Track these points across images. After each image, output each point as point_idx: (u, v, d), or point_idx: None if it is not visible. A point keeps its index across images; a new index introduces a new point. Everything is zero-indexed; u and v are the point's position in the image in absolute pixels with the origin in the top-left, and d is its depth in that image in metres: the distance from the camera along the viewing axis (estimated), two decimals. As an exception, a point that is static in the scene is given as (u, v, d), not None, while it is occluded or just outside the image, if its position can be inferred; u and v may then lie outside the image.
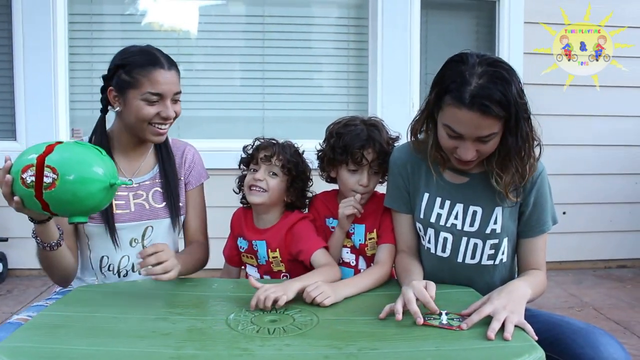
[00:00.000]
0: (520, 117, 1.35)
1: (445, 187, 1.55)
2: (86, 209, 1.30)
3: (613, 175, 3.95)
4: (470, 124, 1.34)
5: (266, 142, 1.70)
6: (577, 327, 1.34)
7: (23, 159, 1.27)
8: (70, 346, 1.10)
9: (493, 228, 1.50)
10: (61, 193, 1.24)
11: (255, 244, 1.70)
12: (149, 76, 1.53)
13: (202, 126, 3.75)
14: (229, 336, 1.17)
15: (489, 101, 1.30)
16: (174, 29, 3.76)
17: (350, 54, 3.84)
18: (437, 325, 1.23)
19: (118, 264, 1.63)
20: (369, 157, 1.62)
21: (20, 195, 1.27)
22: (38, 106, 3.52)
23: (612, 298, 3.35)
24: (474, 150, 1.38)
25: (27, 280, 3.55)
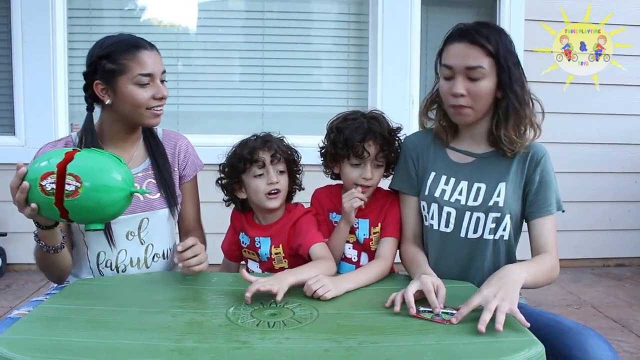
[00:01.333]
0: (510, 62, 1.46)
1: (452, 166, 1.60)
2: (106, 216, 1.31)
3: (612, 173, 3.96)
4: (459, 53, 1.47)
5: (260, 141, 1.66)
6: (566, 327, 1.33)
7: (40, 166, 1.27)
8: (70, 338, 1.10)
9: (496, 201, 1.52)
10: (84, 201, 1.24)
11: (259, 240, 1.69)
12: (136, 59, 1.52)
13: (201, 121, 3.74)
14: (229, 329, 1.17)
15: (475, 32, 1.46)
16: (173, 24, 3.75)
17: (350, 49, 3.83)
18: (428, 318, 1.23)
19: (116, 259, 1.61)
20: (370, 150, 1.61)
21: (38, 202, 1.26)
22: (37, 101, 3.51)
23: (610, 296, 3.36)
24: (464, 87, 1.47)
25: (26, 275, 3.55)
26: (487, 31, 1.46)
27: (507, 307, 1.19)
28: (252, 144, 1.65)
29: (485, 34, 1.46)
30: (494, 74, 1.46)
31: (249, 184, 1.66)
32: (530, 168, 1.54)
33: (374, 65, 3.72)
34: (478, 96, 1.48)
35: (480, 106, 1.50)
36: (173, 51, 3.72)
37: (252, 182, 1.65)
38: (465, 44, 1.46)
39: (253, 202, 1.69)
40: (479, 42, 1.45)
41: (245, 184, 1.67)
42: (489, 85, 1.47)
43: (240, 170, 1.65)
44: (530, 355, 1.06)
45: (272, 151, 1.65)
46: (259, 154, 1.64)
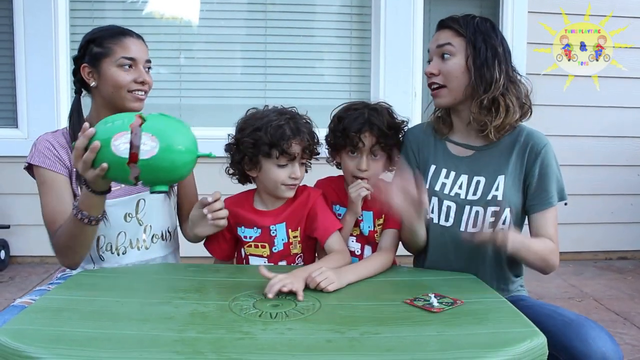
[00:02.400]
0: (480, 42, 1.51)
1: (452, 159, 1.61)
2: (176, 177, 1.32)
3: (615, 166, 3.95)
4: (433, 39, 1.58)
5: (292, 130, 1.54)
6: (568, 319, 1.33)
7: (112, 126, 1.26)
8: (74, 329, 1.11)
9: (494, 194, 1.52)
10: (159, 160, 1.25)
11: (274, 228, 1.62)
12: (120, 43, 1.59)
13: (203, 114, 3.74)
14: (231, 320, 1.17)
15: (450, 19, 1.56)
16: (175, 17, 3.74)
17: (352, 42, 3.82)
18: (419, 306, 1.26)
19: (115, 241, 1.62)
20: (366, 141, 1.60)
21: (109, 161, 1.25)
22: (39, 93, 3.52)
23: (612, 289, 3.36)
24: (435, 67, 1.55)
25: (29, 267, 3.56)
26: (463, 17, 1.55)
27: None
28: (284, 132, 1.53)
29: (458, 19, 1.55)
30: (464, 53, 1.52)
31: (267, 169, 1.57)
32: (529, 160, 1.53)
33: (376, 59, 3.72)
34: (449, 73, 1.53)
35: (453, 84, 1.53)
36: (175, 44, 3.72)
37: (273, 170, 1.57)
38: (440, 30, 1.57)
39: (264, 186, 1.62)
40: (449, 25, 1.54)
41: (262, 166, 1.58)
42: (458, 63, 1.52)
43: (264, 154, 1.55)
44: (533, 345, 1.06)
45: (304, 144, 1.57)
46: (292, 147, 1.54)
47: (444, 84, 1.54)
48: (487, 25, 1.54)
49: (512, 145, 1.55)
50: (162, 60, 3.69)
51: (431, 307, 1.25)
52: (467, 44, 1.51)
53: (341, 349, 1.05)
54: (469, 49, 1.51)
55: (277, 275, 1.34)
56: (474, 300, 1.31)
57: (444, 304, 1.27)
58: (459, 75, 1.52)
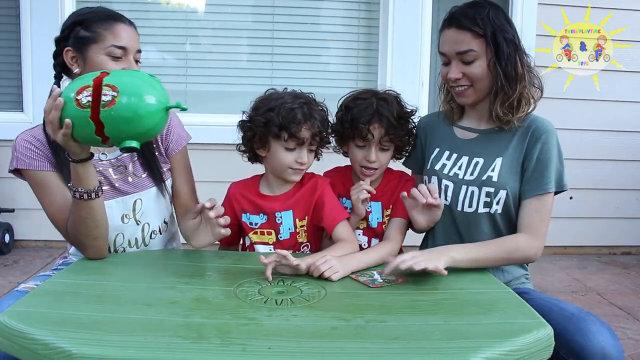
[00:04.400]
0: (500, 38, 1.47)
1: (455, 142, 1.63)
2: (143, 129, 1.24)
3: (621, 161, 3.93)
4: (449, 40, 1.51)
5: (304, 115, 1.52)
6: (569, 313, 1.32)
7: (76, 83, 1.25)
8: (78, 312, 1.10)
9: (489, 175, 1.52)
10: (121, 110, 1.20)
11: (279, 215, 1.60)
12: (111, 29, 1.45)
13: (209, 101, 3.71)
14: (236, 306, 1.17)
15: (463, 16, 1.48)
16: (181, 3, 3.72)
17: (360, 31, 3.79)
18: (361, 281, 1.35)
19: (114, 242, 1.58)
20: (375, 133, 1.57)
21: (73, 117, 1.22)
22: (45, 77, 3.46)
23: (615, 284, 3.35)
24: (458, 71, 1.51)
25: (33, 252, 3.57)
26: (474, 12, 1.48)
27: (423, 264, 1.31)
28: (296, 115, 1.51)
29: (472, 15, 1.48)
30: (486, 53, 1.49)
31: (275, 151, 1.56)
32: (530, 144, 1.52)
33: (384, 47, 3.69)
34: (474, 77, 1.51)
35: (480, 85, 1.52)
36: (182, 29, 3.69)
37: (280, 152, 1.55)
38: (454, 30, 1.50)
39: (271, 167, 1.61)
40: (466, 26, 1.48)
41: (271, 147, 1.56)
42: (483, 65, 1.49)
43: (273, 135, 1.53)
44: (540, 336, 1.06)
45: (315, 130, 1.54)
46: (302, 131, 1.52)
47: (470, 85, 1.53)
48: (500, 16, 1.50)
49: (515, 129, 1.55)
50: (168, 46, 3.67)
51: (371, 283, 1.33)
52: (488, 45, 1.48)
53: (347, 336, 1.05)
54: (490, 49, 1.48)
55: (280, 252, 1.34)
56: (480, 290, 1.31)
57: (385, 281, 1.34)
58: (484, 77, 1.50)
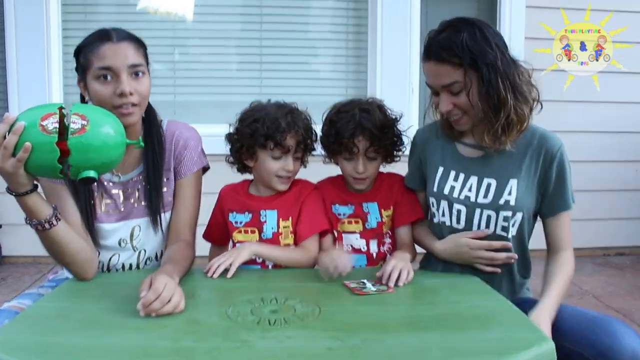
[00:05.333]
0: (480, 64, 1.39)
1: (460, 160, 1.57)
2: (107, 160, 1.26)
3: (613, 162, 3.93)
4: (430, 73, 1.46)
5: (289, 123, 1.56)
6: (592, 316, 1.33)
7: (37, 110, 1.22)
8: (64, 339, 1.07)
9: (507, 199, 1.48)
10: (90, 139, 1.20)
11: (264, 213, 1.62)
12: (96, 52, 1.41)
13: (198, 111, 3.69)
14: (228, 327, 1.13)
15: (440, 47, 1.41)
16: (169, 12, 3.68)
17: (349, 37, 3.77)
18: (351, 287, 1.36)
19: (108, 262, 1.56)
20: (360, 146, 1.58)
21: (35, 142, 1.18)
22: (30, 86, 3.45)
23: (611, 286, 3.34)
24: (449, 103, 1.45)
25: (22, 268, 3.51)
26: (449, 40, 1.40)
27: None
28: (280, 124, 1.55)
29: (447, 45, 1.40)
30: (473, 79, 1.41)
31: (263, 160, 1.59)
32: (545, 164, 1.48)
33: (373, 54, 3.67)
34: (465, 106, 1.45)
35: (474, 112, 1.45)
36: (169, 39, 3.66)
37: (267, 161, 1.59)
38: (433, 63, 1.43)
39: (260, 176, 1.64)
40: (444, 59, 1.41)
41: (258, 157, 1.60)
42: (473, 92, 1.42)
43: (260, 145, 1.57)
44: (542, 351, 1.03)
45: (299, 137, 1.58)
46: (287, 139, 1.56)
47: (464, 113, 1.47)
48: (478, 38, 1.40)
49: (525, 148, 1.49)
50: (156, 57, 3.59)
51: (361, 290, 1.34)
52: (470, 73, 1.41)
53: (342, 357, 1.02)
54: (473, 76, 1.41)
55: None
56: (478, 303, 1.28)
57: (376, 290, 1.35)
58: (475, 103, 1.43)
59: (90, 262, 1.45)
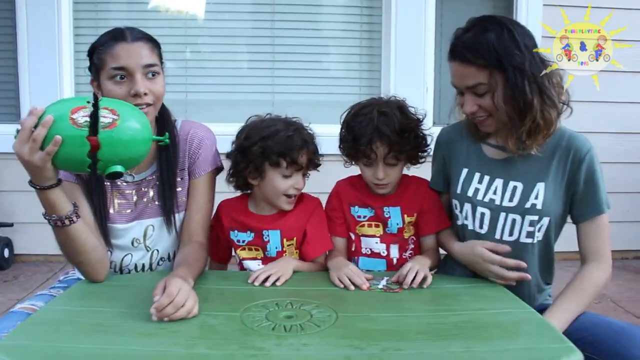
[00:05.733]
0: (507, 65, 1.34)
1: (485, 162, 1.51)
2: (135, 155, 1.25)
3: (631, 164, 3.84)
4: (455, 74, 1.42)
5: (300, 140, 1.53)
6: (618, 326, 1.29)
7: (67, 103, 1.22)
8: (74, 344, 1.04)
9: (533, 203, 1.43)
10: (121, 133, 1.20)
11: (267, 234, 1.58)
12: (110, 51, 1.40)
13: (210, 110, 3.65)
14: (243, 334, 1.10)
15: (465, 48, 1.37)
16: (181, 11, 3.66)
17: (363, 36, 3.72)
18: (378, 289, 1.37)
19: (120, 262, 1.55)
20: (378, 152, 1.52)
21: (66, 135, 1.16)
22: (42, 89, 3.44)
23: (630, 290, 3.26)
24: (473, 104, 1.41)
25: (33, 266, 3.50)
26: (475, 41, 1.36)
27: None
28: (294, 141, 1.52)
29: (473, 46, 1.36)
30: (499, 81, 1.36)
31: (271, 178, 1.54)
32: (573, 167, 1.43)
33: (387, 52, 3.62)
34: (490, 108, 1.40)
35: (499, 114, 1.40)
36: (181, 37, 3.63)
37: (276, 179, 1.54)
38: (458, 64, 1.39)
39: (264, 195, 1.59)
40: (470, 60, 1.37)
41: (265, 175, 1.55)
42: (498, 95, 1.37)
43: (272, 163, 1.52)
44: (570, 364, 0.99)
45: (310, 155, 1.56)
46: (300, 157, 1.53)
47: (489, 114, 1.42)
48: (505, 38, 1.35)
49: (553, 150, 1.44)
50: (167, 55, 3.56)
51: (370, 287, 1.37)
52: (495, 75, 1.36)
53: (362, 367, 0.98)
54: (499, 78, 1.36)
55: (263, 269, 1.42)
56: (501, 311, 1.24)
57: (383, 287, 1.38)
58: (500, 106, 1.38)
59: (102, 263, 1.43)
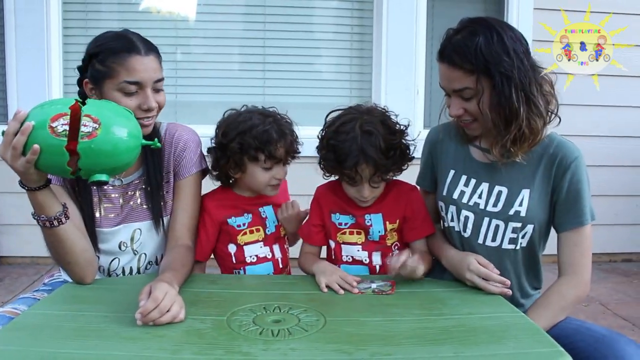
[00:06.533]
0: (494, 72, 1.32)
1: (473, 165, 1.50)
2: (119, 164, 1.22)
3: (620, 167, 3.86)
4: (443, 76, 1.40)
5: (277, 132, 1.52)
6: (599, 334, 1.26)
7: (49, 108, 1.18)
8: (57, 349, 1.02)
9: (517, 210, 1.41)
10: (101, 143, 1.16)
11: (263, 210, 1.63)
12: (125, 63, 1.37)
13: (200, 111, 3.63)
14: (229, 338, 1.08)
15: (454, 51, 1.35)
16: (172, 11, 3.64)
17: (353, 38, 3.72)
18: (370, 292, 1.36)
19: (108, 266, 1.54)
20: (364, 174, 1.45)
21: (44, 145, 1.14)
22: (30, 90, 3.41)
23: (618, 293, 3.28)
24: (459, 107, 1.40)
25: (19, 269, 3.46)
26: (464, 45, 1.34)
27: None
28: (271, 135, 1.51)
29: (462, 50, 1.33)
30: (486, 87, 1.34)
31: (252, 172, 1.55)
32: (557, 174, 1.40)
33: (377, 55, 3.62)
34: (475, 113, 1.39)
35: (484, 119, 1.38)
36: (172, 39, 3.61)
37: (257, 173, 1.55)
38: (446, 66, 1.38)
39: (248, 186, 1.60)
40: (457, 64, 1.35)
41: (246, 168, 1.55)
42: (484, 101, 1.35)
43: (250, 157, 1.52)
44: (559, 369, 0.98)
45: (288, 145, 1.55)
46: (278, 150, 1.52)
47: (475, 118, 1.40)
48: (494, 43, 1.33)
49: (539, 157, 1.42)
50: (157, 56, 3.58)
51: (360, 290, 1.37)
52: (482, 81, 1.34)
53: (349, 373, 0.97)
54: (485, 84, 1.34)
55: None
56: (490, 315, 1.23)
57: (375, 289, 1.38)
58: (485, 112, 1.36)
59: (90, 265, 1.41)
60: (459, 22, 1.41)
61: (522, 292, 1.51)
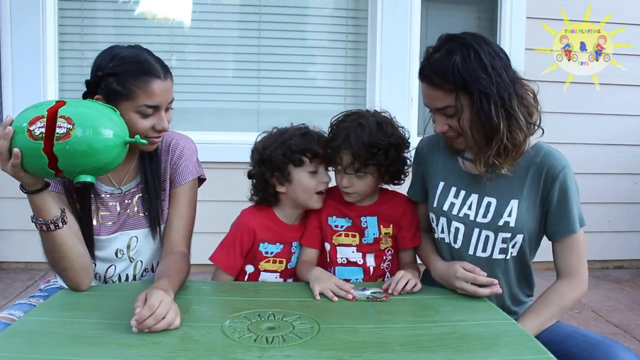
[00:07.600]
0: (472, 89, 1.32)
1: (462, 176, 1.51)
2: (100, 164, 1.21)
3: (612, 174, 3.89)
4: (425, 95, 1.42)
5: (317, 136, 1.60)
6: (593, 340, 1.28)
7: (29, 112, 1.19)
8: (53, 356, 1.02)
9: (506, 220, 1.43)
10: (76, 144, 1.15)
11: (295, 244, 1.64)
12: (145, 88, 1.38)
13: (195, 118, 3.65)
14: (224, 345, 1.09)
15: (430, 71, 1.37)
16: (167, 18, 3.65)
17: (348, 45, 3.74)
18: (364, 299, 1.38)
19: (104, 273, 1.54)
20: (343, 160, 1.53)
21: (23, 148, 1.16)
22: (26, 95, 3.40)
23: (610, 300, 3.30)
24: (443, 124, 1.41)
25: (13, 274, 3.45)
26: (442, 64, 1.34)
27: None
28: (311, 136, 1.57)
29: (440, 70, 1.34)
30: (465, 105, 1.35)
31: (299, 179, 1.56)
32: (547, 184, 1.41)
33: (372, 62, 3.64)
34: (459, 129, 1.40)
35: (469, 134, 1.38)
36: (167, 45, 3.62)
37: (304, 178, 1.56)
38: (427, 86, 1.40)
39: (294, 199, 1.60)
40: (436, 84, 1.36)
41: (292, 178, 1.56)
42: (465, 117, 1.36)
43: (296, 162, 1.55)
44: (550, 376, 1.00)
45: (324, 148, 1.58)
46: (319, 149, 1.56)
47: (459, 134, 1.41)
48: (471, 61, 1.33)
49: (527, 167, 1.43)
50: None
51: (354, 297, 1.38)
52: (462, 99, 1.35)
53: (343, 379, 0.98)
54: (465, 102, 1.35)
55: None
56: (482, 322, 1.24)
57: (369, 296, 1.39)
58: (469, 127, 1.37)
59: (86, 272, 1.41)
60: (438, 39, 1.42)
61: (514, 300, 1.53)
